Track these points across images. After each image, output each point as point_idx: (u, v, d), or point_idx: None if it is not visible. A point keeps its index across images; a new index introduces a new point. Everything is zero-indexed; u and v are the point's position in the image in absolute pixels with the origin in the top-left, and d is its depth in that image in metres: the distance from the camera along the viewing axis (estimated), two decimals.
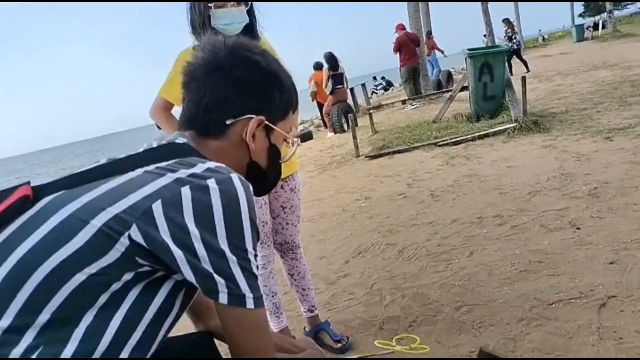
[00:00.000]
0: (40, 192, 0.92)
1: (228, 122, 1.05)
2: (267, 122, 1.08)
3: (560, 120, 6.21)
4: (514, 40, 14.70)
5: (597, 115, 6.01)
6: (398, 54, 11.51)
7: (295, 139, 1.20)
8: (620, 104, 6.35)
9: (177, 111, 2.24)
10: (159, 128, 6.55)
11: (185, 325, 1.17)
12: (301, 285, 2.32)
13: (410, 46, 11.35)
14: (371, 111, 8.91)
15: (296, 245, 2.28)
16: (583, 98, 7.35)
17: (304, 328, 2.38)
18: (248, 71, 1.05)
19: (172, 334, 1.01)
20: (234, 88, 1.04)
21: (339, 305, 2.66)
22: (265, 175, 1.15)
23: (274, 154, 1.14)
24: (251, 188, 0.95)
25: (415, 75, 11.66)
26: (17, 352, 0.78)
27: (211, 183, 0.90)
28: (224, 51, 1.05)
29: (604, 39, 16.53)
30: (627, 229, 2.75)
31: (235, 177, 0.93)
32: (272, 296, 2.23)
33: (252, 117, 1.05)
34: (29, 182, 0.94)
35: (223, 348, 1.21)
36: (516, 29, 15.76)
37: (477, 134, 6.23)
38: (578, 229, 2.91)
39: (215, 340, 1.22)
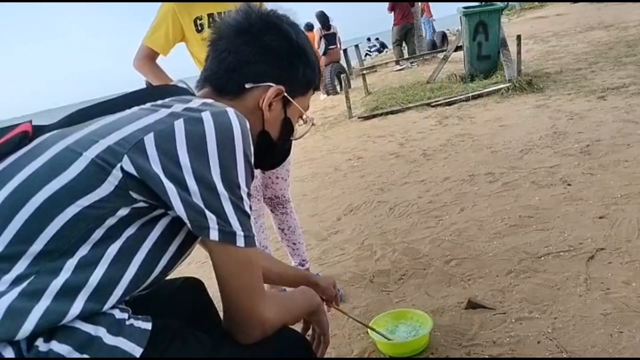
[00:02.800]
0: (39, 130, 0.92)
1: (247, 85, 1.03)
2: (285, 94, 1.06)
3: (555, 80, 6.16)
4: None
5: (592, 75, 5.96)
6: (392, 13, 11.31)
7: (311, 118, 1.18)
8: (615, 64, 6.30)
9: (162, 60, 2.18)
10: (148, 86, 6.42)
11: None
12: (292, 239, 2.32)
13: (404, 5, 11.13)
14: (364, 72, 8.80)
15: (286, 200, 2.27)
16: (578, 58, 7.28)
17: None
18: (277, 39, 1.03)
19: None
20: (260, 52, 1.02)
21: (330, 260, 2.67)
22: (274, 148, 1.13)
23: (287, 127, 1.12)
24: (248, 124, 0.93)
25: (409, 35, 11.47)
26: (7, 279, 0.78)
27: (205, 115, 0.88)
28: (256, 15, 1.04)
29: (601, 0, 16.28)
30: (618, 185, 2.75)
31: (231, 111, 0.91)
32: (263, 250, 2.23)
33: (271, 85, 1.04)
34: (30, 121, 0.94)
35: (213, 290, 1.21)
36: None
37: (470, 94, 6.18)
38: (569, 185, 2.91)
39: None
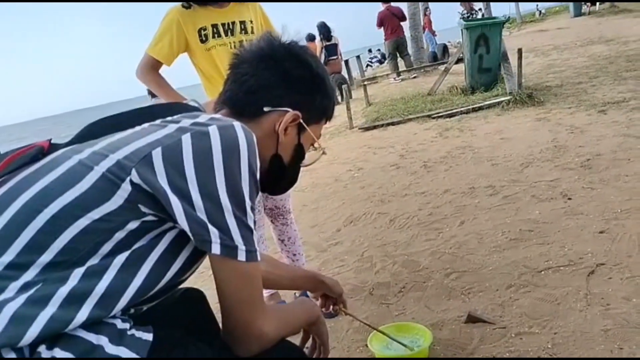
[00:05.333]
0: (55, 147, 0.96)
1: (266, 109, 1.06)
2: (301, 120, 1.09)
3: (555, 93, 6.18)
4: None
5: (592, 89, 5.98)
6: (382, 29, 11.48)
7: (323, 147, 1.21)
8: (615, 78, 6.32)
9: (165, 71, 2.19)
10: (151, 96, 6.40)
11: None
12: (292, 250, 2.32)
13: (393, 20, 11.28)
14: (365, 83, 8.83)
15: (287, 211, 2.27)
16: (578, 72, 7.31)
17: (295, 293, 2.39)
18: (297, 67, 1.07)
19: None
20: (280, 78, 1.05)
21: (330, 272, 2.66)
22: (284, 172, 1.14)
23: (299, 153, 1.14)
24: (255, 138, 0.94)
25: (400, 49, 11.61)
26: (14, 286, 0.79)
27: (212, 129, 0.90)
28: (279, 44, 1.07)
29: (601, 14, 16.38)
30: (618, 200, 2.75)
31: (238, 125, 0.93)
32: (270, 256, 2.22)
33: (289, 110, 1.06)
34: (50, 139, 0.98)
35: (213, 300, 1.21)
36: (475, 10, 15.67)
37: (471, 107, 6.20)
38: (569, 199, 2.92)
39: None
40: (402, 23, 11.52)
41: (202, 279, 2.58)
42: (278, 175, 1.14)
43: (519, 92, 6.12)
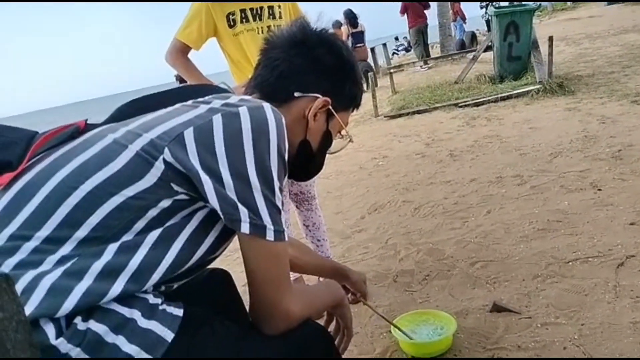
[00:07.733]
0: (91, 127, 0.99)
1: (296, 94, 1.07)
2: (330, 107, 1.10)
3: (586, 83, 6.03)
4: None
5: (625, 79, 5.82)
6: (405, 16, 11.40)
7: (350, 135, 1.22)
8: None
9: (193, 58, 2.21)
10: (179, 82, 6.51)
11: None
12: (316, 236, 2.33)
13: (416, 7, 11.18)
14: (392, 71, 8.76)
15: (312, 196, 2.28)
16: (611, 61, 7.12)
17: (319, 278, 2.40)
18: (329, 54, 1.08)
19: None
20: (311, 64, 1.07)
21: (354, 259, 2.67)
22: (312, 158, 1.16)
23: (327, 140, 1.16)
24: (284, 120, 0.96)
25: (424, 36, 11.52)
26: (51, 259, 0.82)
27: (242, 110, 0.92)
28: (311, 30, 1.09)
29: (636, 2, 15.91)
30: None
31: (267, 106, 0.95)
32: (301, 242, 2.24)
33: (319, 97, 1.08)
34: (86, 120, 1.01)
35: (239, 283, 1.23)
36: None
37: (499, 96, 6.09)
38: (599, 190, 2.86)
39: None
40: (426, 10, 11.43)
41: (227, 262, 2.61)
42: (305, 161, 1.16)
43: (549, 81, 5.99)
